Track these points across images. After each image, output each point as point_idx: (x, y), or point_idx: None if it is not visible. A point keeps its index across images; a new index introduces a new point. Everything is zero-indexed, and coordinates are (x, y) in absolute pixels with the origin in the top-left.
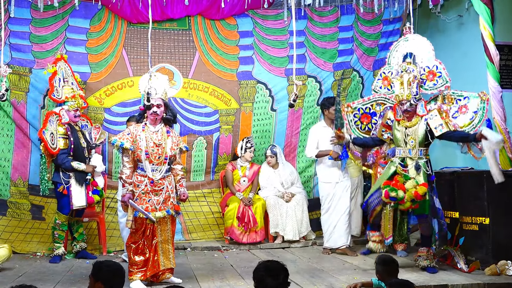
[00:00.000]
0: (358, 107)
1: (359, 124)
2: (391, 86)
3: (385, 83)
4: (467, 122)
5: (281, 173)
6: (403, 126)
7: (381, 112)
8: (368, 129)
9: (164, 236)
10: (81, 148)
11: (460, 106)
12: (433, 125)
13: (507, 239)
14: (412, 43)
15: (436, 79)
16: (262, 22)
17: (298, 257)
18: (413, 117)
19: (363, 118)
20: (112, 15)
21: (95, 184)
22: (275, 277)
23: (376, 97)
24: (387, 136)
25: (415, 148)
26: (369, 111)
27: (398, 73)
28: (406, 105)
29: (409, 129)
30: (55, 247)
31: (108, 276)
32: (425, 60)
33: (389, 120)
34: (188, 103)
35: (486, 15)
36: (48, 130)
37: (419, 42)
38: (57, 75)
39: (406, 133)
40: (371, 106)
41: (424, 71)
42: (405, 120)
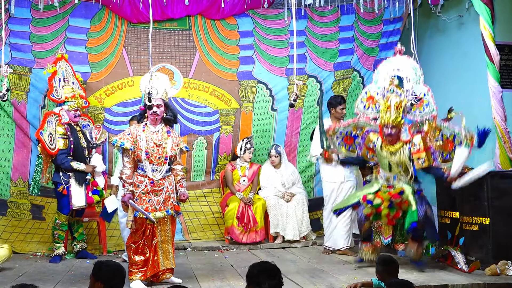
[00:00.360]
0: (340, 130)
1: (343, 145)
2: (376, 106)
3: (369, 102)
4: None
5: (283, 173)
6: (386, 151)
7: (362, 135)
8: (353, 148)
9: (164, 236)
10: (81, 148)
11: (445, 140)
12: (416, 157)
13: (507, 239)
14: (402, 65)
15: (424, 106)
16: (262, 22)
17: (298, 257)
18: (396, 142)
19: (346, 140)
20: (112, 15)
21: (95, 184)
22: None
23: (356, 122)
24: (371, 157)
25: (400, 174)
26: (350, 134)
27: (384, 94)
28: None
29: (393, 156)
30: (55, 247)
31: (108, 276)
32: (414, 85)
33: (371, 143)
34: (188, 103)
35: (486, 15)
36: (47, 130)
37: (408, 64)
38: (57, 75)
39: (390, 160)
40: (353, 129)
41: (410, 97)
42: (388, 145)
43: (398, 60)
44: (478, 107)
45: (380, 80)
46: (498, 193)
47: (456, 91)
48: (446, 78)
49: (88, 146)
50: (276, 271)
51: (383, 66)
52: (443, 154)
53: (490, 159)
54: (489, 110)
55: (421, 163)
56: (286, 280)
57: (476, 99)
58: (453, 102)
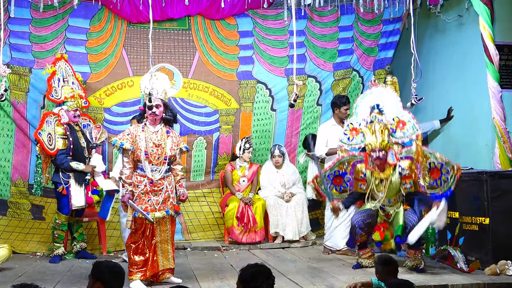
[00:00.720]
0: (327, 174)
1: (333, 188)
2: (359, 136)
3: (353, 133)
4: (435, 188)
5: (284, 173)
6: (377, 177)
7: (350, 170)
8: (344, 187)
9: (163, 236)
10: (80, 148)
11: (432, 169)
12: (402, 182)
13: (507, 239)
14: (378, 95)
15: (406, 128)
16: (262, 22)
17: (298, 257)
18: (384, 167)
19: (336, 181)
20: (112, 15)
21: (95, 184)
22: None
23: (341, 159)
24: (365, 188)
25: (393, 198)
26: (338, 173)
27: (367, 123)
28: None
29: (384, 182)
30: (55, 247)
31: (107, 276)
32: (393, 110)
33: (361, 174)
34: (188, 103)
35: (486, 15)
36: (45, 130)
37: (386, 94)
38: (56, 75)
39: (383, 185)
40: (339, 168)
41: (393, 121)
42: (378, 171)
43: (375, 91)
44: (478, 107)
45: (361, 112)
46: (497, 193)
47: (455, 91)
48: (445, 78)
49: (88, 146)
50: (269, 272)
51: (362, 99)
52: (429, 182)
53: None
54: (489, 110)
55: (407, 187)
56: (286, 280)
57: (475, 99)
58: (453, 102)
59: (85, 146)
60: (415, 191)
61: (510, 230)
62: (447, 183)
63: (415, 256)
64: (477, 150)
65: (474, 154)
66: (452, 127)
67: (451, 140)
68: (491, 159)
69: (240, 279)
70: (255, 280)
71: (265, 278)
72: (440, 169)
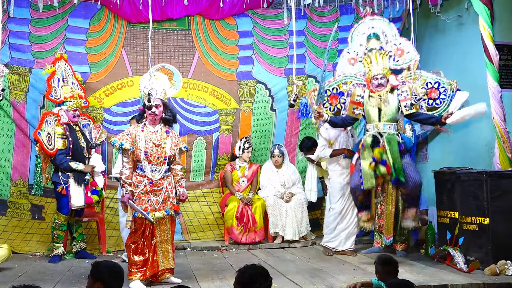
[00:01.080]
0: (325, 89)
1: (327, 106)
2: (360, 64)
3: (351, 62)
4: (435, 107)
5: (284, 173)
6: (375, 98)
7: (348, 91)
8: (338, 109)
9: (163, 236)
10: (80, 148)
11: (430, 89)
12: (403, 104)
13: (507, 239)
14: (373, 23)
15: (405, 54)
16: (261, 22)
17: (297, 257)
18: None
19: (331, 100)
20: (111, 15)
21: (94, 184)
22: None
23: (342, 77)
24: (358, 112)
25: (389, 122)
26: (336, 91)
27: (365, 52)
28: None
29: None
30: (54, 247)
31: (107, 276)
32: (391, 39)
33: (358, 97)
34: (188, 103)
35: (486, 15)
36: (45, 130)
37: (381, 22)
38: (55, 75)
39: (382, 101)
40: (338, 86)
41: (391, 48)
42: (377, 92)
43: (369, 20)
44: None
45: (356, 41)
46: (497, 193)
47: None
48: None
49: (88, 146)
50: (267, 273)
51: (356, 29)
52: (428, 102)
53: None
54: (488, 110)
55: (408, 109)
56: (285, 280)
57: (475, 99)
58: None
59: (85, 146)
60: (416, 112)
61: (509, 230)
62: (445, 101)
63: (415, 216)
64: (477, 150)
65: (473, 154)
66: (452, 127)
67: (451, 140)
68: (491, 159)
69: (238, 281)
70: (253, 282)
71: (263, 280)
72: (437, 88)
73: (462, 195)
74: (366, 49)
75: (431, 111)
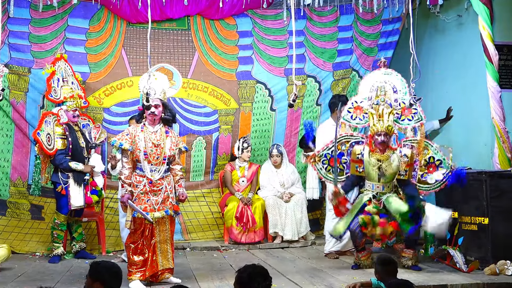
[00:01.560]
0: (324, 153)
1: (330, 169)
2: (363, 116)
3: (357, 112)
4: (426, 183)
5: (283, 173)
6: (375, 158)
7: (347, 150)
8: (341, 170)
9: (162, 236)
10: (79, 148)
11: (430, 164)
12: (400, 168)
13: (506, 239)
14: (385, 76)
15: (412, 115)
16: (261, 22)
17: (297, 257)
18: (385, 151)
19: (332, 162)
20: (111, 15)
21: (94, 184)
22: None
23: (338, 138)
24: (361, 170)
25: (388, 182)
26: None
27: (373, 104)
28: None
29: (383, 163)
30: (54, 247)
31: (105, 276)
32: (400, 95)
33: (359, 155)
34: (188, 103)
35: (485, 15)
36: (44, 131)
37: (393, 77)
38: (55, 75)
39: (380, 167)
40: (337, 147)
41: (399, 106)
42: (378, 153)
43: (383, 72)
44: (477, 107)
45: (366, 91)
46: (497, 193)
47: (455, 91)
48: (445, 78)
49: (88, 146)
50: (266, 273)
51: (369, 78)
52: (422, 175)
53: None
54: (488, 110)
55: (402, 175)
56: (285, 280)
57: (475, 99)
58: (452, 102)
59: (84, 146)
60: (407, 180)
61: (509, 230)
62: (438, 183)
63: (412, 256)
64: (477, 150)
65: (473, 154)
66: (452, 127)
67: (450, 140)
68: (491, 159)
69: (237, 281)
70: (253, 282)
71: (262, 280)
72: (437, 166)
73: (462, 195)
74: (374, 102)
75: (421, 184)
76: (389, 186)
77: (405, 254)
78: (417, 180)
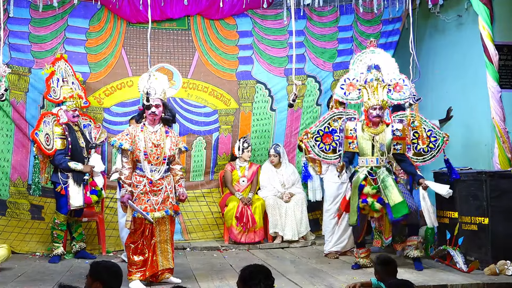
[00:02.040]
0: (317, 130)
1: (322, 147)
2: (356, 92)
3: (350, 88)
4: (421, 154)
5: (283, 173)
6: (369, 133)
7: (340, 127)
8: (333, 147)
9: (162, 236)
10: (79, 148)
11: (422, 135)
12: (394, 142)
13: (506, 239)
14: (378, 56)
15: (403, 91)
16: (261, 22)
17: (297, 257)
18: (378, 125)
19: (325, 139)
20: (111, 15)
21: (93, 184)
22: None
23: (331, 114)
24: (354, 146)
25: (383, 155)
26: (328, 130)
27: (366, 80)
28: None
29: (376, 136)
30: (54, 247)
31: (105, 276)
32: (391, 73)
33: (352, 131)
34: (188, 103)
35: (485, 15)
36: (43, 131)
37: (385, 56)
38: (55, 75)
39: (375, 140)
40: (329, 124)
41: (391, 82)
42: (372, 127)
43: (373, 52)
44: (477, 107)
45: (358, 69)
46: (497, 193)
47: (455, 91)
48: (445, 78)
49: (88, 146)
50: (268, 272)
51: (360, 56)
52: (416, 147)
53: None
54: (488, 110)
55: (397, 148)
56: (285, 280)
57: (475, 99)
58: (452, 102)
59: (84, 146)
60: (402, 153)
61: (509, 230)
62: (432, 151)
63: (417, 244)
64: (477, 150)
65: (473, 154)
66: (452, 127)
67: (450, 140)
68: (491, 159)
69: (239, 278)
70: (253, 279)
71: (263, 278)
72: (429, 136)
73: (462, 195)
74: (367, 78)
75: (416, 156)
76: (383, 160)
77: (410, 243)
78: (412, 153)
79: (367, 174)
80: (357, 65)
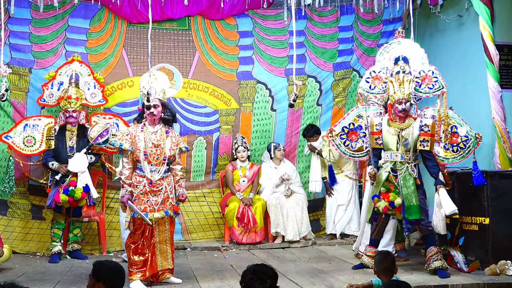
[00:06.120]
0: (343, 126)
1: (348, 144)
2: (382, 85)
3: (375, 82)
4: (450, 154)
5: (283, 168)
6: (395, 128)
7: (365, 123)
8: (360, 145)
9: (162, 237)
10: (68, 148)
11: (452, 133)
12: (421, 138)
13: (507, 239)
14: (405, 47)
15: (432, 83)
16: (262, 22)
17: (298, 257)
18: (406, 119)
19: (350, 136)
20: (112, 15)
21: (72, 184)
22: (262, 281)
23: (355, 111)
24: (381, 142)
25: (408, 152)
26: (354, 127)
27: (393, 73)
28: (406, 105)
29: (403, 131)
30: (51, 246)
31: (108, 276)
32: (419, 64)
33: (377, 126)
34: (188, 103)
35: (486, 15)
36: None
37: (413, 47)
38: (55, 80)
39: (400, 135)
40: (353, 121)
41: (419, 75)
42: (398, 122)
43: (401, 42)
44: (478, 107)
45: (384, 61)
46: (497, 193)
47: (455, 91)
48: (445, 78)
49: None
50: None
51: (387, 47)
52: (445, 145)
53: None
54: (489, 110)
55: (423, 146)
56: (286, 280)
57: (475, 99)
58: (453, 102)
59: (74, 146)
60: (429, 151)
61: (510, 230)
62: (463, 151)
63: (437, 255)
64: (477, 150)
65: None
66: None
67: None
68: (491, 159)
69: (242, 275)
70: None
71: (265, 277)
72: (460, 136)
73: (462, 195)
74: (396, 71)
75: (445, 153)
76: (408, 157)
77: (430, 255)
78: (441, 148)
79: (390, 171)
80: (383, 57)
